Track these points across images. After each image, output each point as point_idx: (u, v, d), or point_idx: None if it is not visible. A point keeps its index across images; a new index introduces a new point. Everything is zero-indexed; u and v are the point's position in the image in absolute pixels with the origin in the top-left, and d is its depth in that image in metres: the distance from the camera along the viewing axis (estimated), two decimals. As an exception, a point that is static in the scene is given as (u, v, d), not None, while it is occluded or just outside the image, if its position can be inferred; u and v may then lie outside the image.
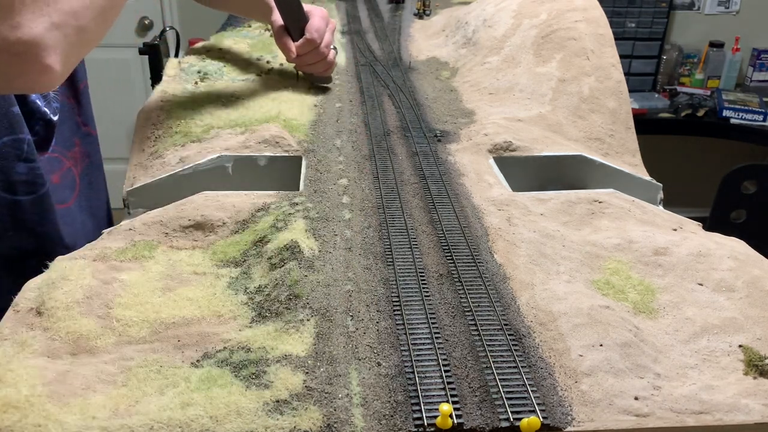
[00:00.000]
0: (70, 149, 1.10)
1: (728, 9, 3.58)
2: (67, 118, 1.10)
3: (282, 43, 1.21)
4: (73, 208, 1.10)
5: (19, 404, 0.56)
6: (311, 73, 1.28)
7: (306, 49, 1.20)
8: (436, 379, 0.60)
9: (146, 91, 3.70)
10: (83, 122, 1.15)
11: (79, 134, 1.14)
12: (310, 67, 1.25)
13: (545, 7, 1.35)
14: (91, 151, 1.17)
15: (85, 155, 1.15)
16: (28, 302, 0.70)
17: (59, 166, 1.07)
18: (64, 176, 1.08)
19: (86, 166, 1.15)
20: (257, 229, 0.83)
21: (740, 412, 0.59)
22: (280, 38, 1.21)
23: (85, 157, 1.15)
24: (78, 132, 1.13)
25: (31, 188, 0.99)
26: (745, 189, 2.68)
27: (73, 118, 1.12)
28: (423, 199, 0.91)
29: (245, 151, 1.00)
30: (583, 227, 0.88)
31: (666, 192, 1.04)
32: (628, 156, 1.13)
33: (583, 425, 0.57)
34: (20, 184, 0.98)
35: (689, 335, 0.70)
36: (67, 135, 1.10)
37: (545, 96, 1.20)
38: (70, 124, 1.11)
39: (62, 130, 1.08)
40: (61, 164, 1.08)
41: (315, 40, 1.20)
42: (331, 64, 1.27)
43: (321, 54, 1.22)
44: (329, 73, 1.30)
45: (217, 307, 0.71)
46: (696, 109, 3.29)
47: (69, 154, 1.10)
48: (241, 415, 0.56)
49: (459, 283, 0.73)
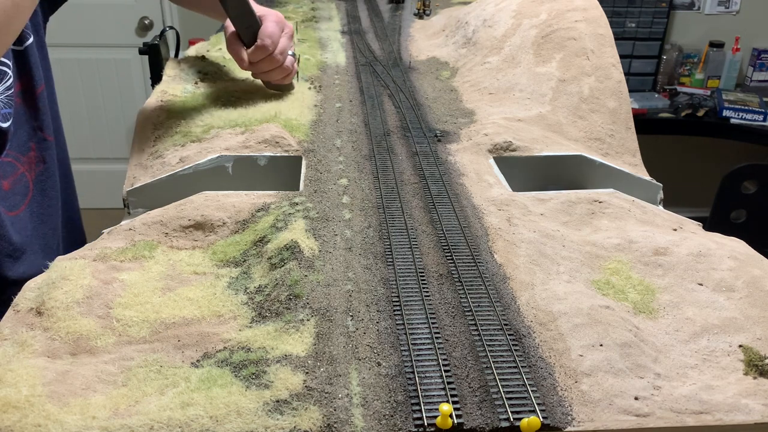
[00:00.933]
0: (25, 154, 1.08)
1: (728, 9, 3.58)
2: (23, 122, 1.08)
3: (232, 51, 1.13)
4: (23, 215, 1.08)
5: (19, 404, 0.56)
6: (268, 82, 1.22)
7: (258, 56, 1.11)
8: (436, 379, 0.60)
9: (146, 91, 3.70)
10: (39, 127, 1.12)
11: (35, 139, 1.11)
12: (265, 75, 1.17)
13: (545, 7, 1.35)
14: (46, 156, 1.13)
15: (40, 160, 1.12)
16: (28, 302, 0.70)
17: (12, 172, 1.05)
18: (16, 182, 1.06)
19: (41, 172, 1.13)
20: (257, 229, 0.83)
21: (740, 412, 0.59)
22: (231, 46, 1.13)
23: (40, 163, 1.12)
24: (34, 137, 1.11)
25: None
26: (745, 189, 2.68)
27: (29, 123, 1.10)
28: (423, 199, 0.91)
29: (245, 151, 1.00)
30: (583, 227, 0.88)
31: (666, 192, 1.04)
32: (628, 156, 1.13)
33: (583, 425, 0.57)
34: None
35: (689, 335, 0.70)
36: (23, 139, 1.08)
37: (545, 96, 1.20)
38: (27, 128, 1.09)
39: (18, 134, 1.06)
40: (15, 169, 1.05)
41: (267, 47, 1.10)
42: (287, 71, 1.17)
43: (275, 61, 1.13)
44: (288, 81, 1.21)
45: (217, 307, 0.71)
46: (696, 109, 3.30)
47: (24, 159, 1.08)
48: (241, 415, 0.56)
49: (459, 283, 0.73)
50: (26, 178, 1.08)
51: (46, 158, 1.13)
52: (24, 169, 1.07)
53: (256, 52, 1.11)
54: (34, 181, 1.11)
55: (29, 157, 1.09)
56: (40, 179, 1.12)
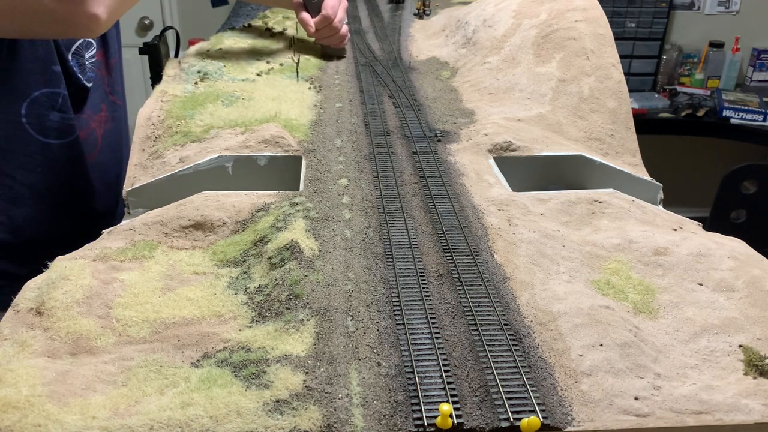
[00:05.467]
0: (97, 113, 1.29)
1: (728, 9, 3.58)
2: (98, 87, 1.28)
3: (301, 19, 1.40)
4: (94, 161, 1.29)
5: (19, 404, 0.56)
6: (328, 46, 1.45)
7: (322, 24, 1.39)
8: (436, 379, 0.60)
9: (146, 91, 3.69)
10: (110, 92, 1.33)
11: (107, 102, 1.32)
12: (326, 40, 1.43)
13: (545, 7, 1.35)
14: (114, 116, 1.34)
15: (108, 120, 1.32)
16: (28, 302, 0.70)
17: (86, 126, 1.26)
18: (89, 135, 1.27)
19: (108, 130, 1.32)
20: (257, 229, 0.83)
21: (740, 412, 0.59)
22: (299, 14, 1.40)
23: (108, 122, 1.32)
24: (105, 100, 1.32)
25: (60, 135, 1.18)
26: (745, 189, 2.68)
27: (102, 88, 1.30)
28: (423, 199, 0.91)
29: (245, 151, 1.00)
30: (583, 227, 0.88)
31: (666, 192, 1.04)
32: (628, 156, 1.13)
33: (583, 425, 0.57)
34: (52, 130, 1.17)
35: (689, 335, 0.70)
36: (96, 101, 1.28)
37: (545, 96, 1.20)
38: (100, 92, 1.30)
39: (93, 97, 1.26)
40: (88, 125, 1.26)
41: (330, 16, 1.38)
42: (344, 37, 1.45)
43: (335, 29, 1.41)
44: (343, 45, 1.47)
45: (217, 307, 0.71)
46: (696, 109, 3.29)
47: (96, 117, 1.28)
48: (241, 415, 0.56)
49: (459, 283, 0.73)
50: (96, 133, 1.29)
51: (114, 118, 1.34)
52: (95, 125, 1.28)
53: (321, 20, 1.39)
54: (102, 136, 1.31)
55: (100, 117, 1.30)
56: (107, 135, 1.32)
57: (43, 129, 1.15)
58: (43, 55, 1.12)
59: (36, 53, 1.11)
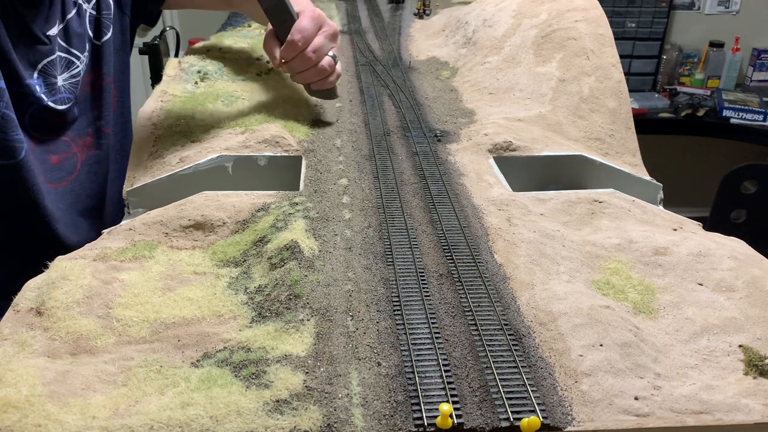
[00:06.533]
0: (81, 138, 1.19)
1: (728, 9, 3.58)
2: (86, 109, 1.19)
3: (266, 48, 1.08)
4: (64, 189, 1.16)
5: (19, 404, 0.56)
6: (307, 86, 1.13)
7: (288, 53, 1.05)
8: (436, 379, 0.60)
9: (146, 91, 3.70)
10: (98, 117, 1.22)
11: (93, 127, 1.21)
12: (300, 76, 1.10)
13: (545, 6, 1.35)
14: (99, 144, 1.23)
15: (93, 146, 1.21)
16: (28, 302, 0.70)
17: (66, 150, 1.14)
18: (66, 159, 1.15)
19: (90, 156, 1.21)
20: (257, 229, 0.83)
21: (740, 412, 0.59)
22: (266, 42, 1.08)
23: (92, 147, 1.21)
24: (93, 125, 1.21)
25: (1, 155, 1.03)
26: (745, 189, 2.68)
27: (91, 111, 1.20)
28: (423, 199, 0.91)
29: (245, 151, 1.00)
30: (583, 227, 0.88)
31: (666, 192, 1.04)
32: (628, 156, 1.13)
33: (583, 425, 0.57)
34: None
35: (689, 335, 0.70)
36: (83, 125, 1.18)
37: (545, 96, 1.20)
38: (88, 116, 1.20)
39: (80, 120, 1.17)
40: (69, 148, 1.15)
41: (296, 42, 1.03)
42: (323, 72, 1.08)
43: (308, 60, 1.05)
44: (328, 85, 1.12)
45: (217, 307, 0.71)
46: (696, 109, 3.30)
47: (80, 142, 1.18)
48: (241, 415, 0.56)
49: (459, 283, 0.73)
50: (76, 158, 1.17)
51: (100, 146, 1.23)
52: (77, 150, 1.17)
53: (285, 48, 1.05)
54: (83, 162, 1.19)
55: (84, 141, 1.19)
56: (89, 161, 1.21)
57: None
58: None
59: None
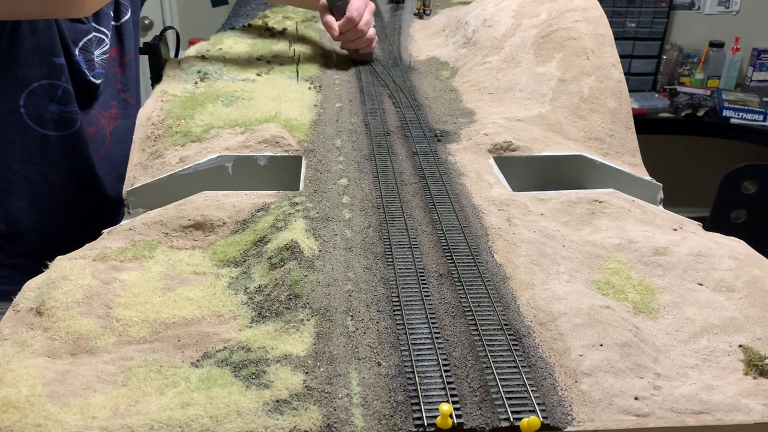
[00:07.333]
0: (107, 110, 1.30)
1: (728, 9, 3.58)
2: (109, 83, 1.30)
3: (326, 22, 1.36)
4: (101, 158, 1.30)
5: (19, 404, 0.56)
6: (355, 50, 1.41)
7: (347, 27, 1.35)
8: (436, 379, 0.60)
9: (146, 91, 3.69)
10: (123, 89, 1.34)
11: (118, 99, 1.33)
12: (351, 44, 1.39)
13: (545, 6, 1.35)
14: (124, 114, 1.34)
15: (118, 117, 1.33)
16: (28, 302, 0.70)
17: (96, 122, 1.27)
18: (97, 131, 1.29)
19: (117, 126, 1.33)
20: (257, 229, 0.83)
21: (740, 412, 0.59)
22: (323, 17, 1.36)
23: (118, 119, 1.33)
24: (117, 97, 1.32)
25: (59, 127, 1.18)
26: (745, 189, 2.68)
27: (114, 85, 1.32)
28: (423, 199, 0.91)
29: (245, 151, 1.00)
30: (583, 227, 0.88)
31: (666, 192, 1.04)
32: (628, 156, 1.13)
33: (583, 425, 0.57)
34: (50, 122, 1.17)
35: (689, 335, 0.70)
36: (107, 98, 1.30)
37: (545, 96, 1.20)
38: (111, 89, 1.31)
39: (104, 94, 1.28)
40: (98, 121, 1.28)
41: (354, 19, 1.33)
42: (370, 41, 1.40)
43: (361, 32, 1.36)
44: (370, 49, 1.42)
45: (217, 307, 0.71)
46: (696, 109, 3.29)
47: (106, 114, 1.30)
48: (241, 414, 0.56)
49: (459, 283, 0.73)
50: (105, 129, 1.30)
51: (124, 115, 1.34)
52: (104, 122, 1.30)
53: (345, 23, 1.34)
54: (111, 132, 1.32)
55: (110, 113, 1.31)
56: (116, 132, 1.33)
57: (41, 120, 1.16)
58: (44, 47, 1.12)
59: (38, 44, 1.11)
